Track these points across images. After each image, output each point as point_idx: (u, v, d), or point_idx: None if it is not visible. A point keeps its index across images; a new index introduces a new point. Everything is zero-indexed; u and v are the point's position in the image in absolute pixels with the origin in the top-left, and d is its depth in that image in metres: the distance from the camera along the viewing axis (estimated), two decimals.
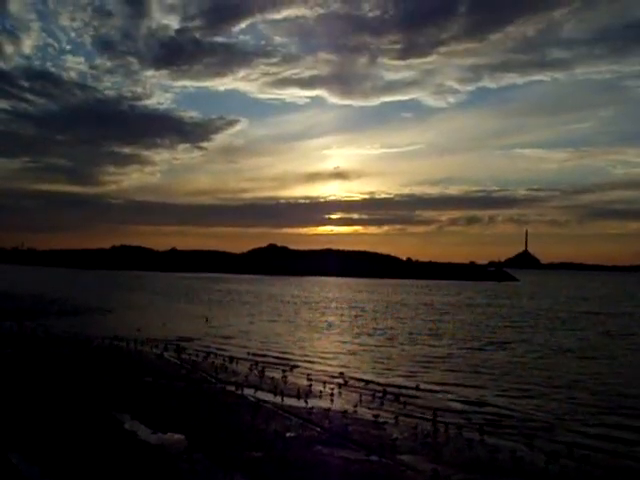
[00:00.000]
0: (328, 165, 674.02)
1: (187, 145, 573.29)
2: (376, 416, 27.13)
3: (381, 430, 25.23)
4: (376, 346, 52.63)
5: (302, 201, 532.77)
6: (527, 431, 26.11)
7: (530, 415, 29.12)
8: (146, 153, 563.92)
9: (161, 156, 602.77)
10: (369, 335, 60.97)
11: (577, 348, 53.41)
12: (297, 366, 40.48)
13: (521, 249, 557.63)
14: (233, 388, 32.14)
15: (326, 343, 54.80)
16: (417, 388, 34.28)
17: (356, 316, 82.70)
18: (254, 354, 45.25)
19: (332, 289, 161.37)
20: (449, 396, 32.93)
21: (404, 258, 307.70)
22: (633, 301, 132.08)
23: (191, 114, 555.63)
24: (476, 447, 23.42)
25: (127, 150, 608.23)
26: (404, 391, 33.35)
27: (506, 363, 44.28)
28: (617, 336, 63.42)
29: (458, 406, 30.70)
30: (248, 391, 31.71)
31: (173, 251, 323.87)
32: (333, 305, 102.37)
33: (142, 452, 20.89)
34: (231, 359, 41.88)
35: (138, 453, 20.71)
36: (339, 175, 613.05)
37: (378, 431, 25.06)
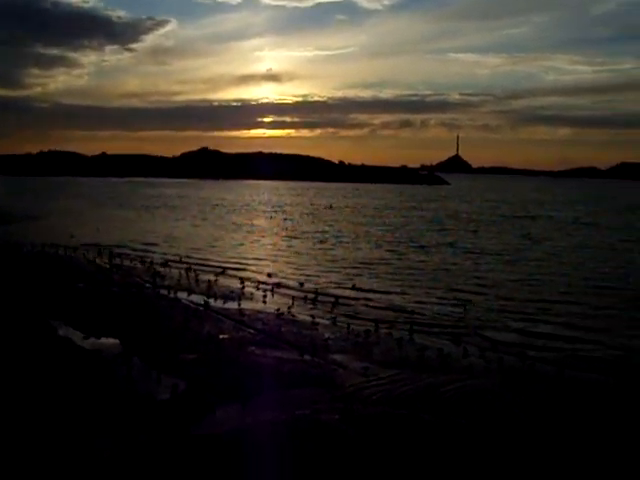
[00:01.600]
0: (261, 67, 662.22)
1: (115, 46, 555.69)
2: (309, 318, 27.74)
3: (314, 331, 25.82)
4: (307, 249, 53.21)
5: (234, 104, 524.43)
6: (455, 330, 27.06)
7: (457, 315, 30.09)
8: (73, 55, 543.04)
9: (89, 58, 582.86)
10: (299, 238, 61.47)
11: (500, 251, 55.07)
12: (229, 269, 40.75)
13: (453, 153, 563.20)
14: (166, 292, 32.24)
15: (257, 247, 55.10)
16: (349, 290, 35.02)
17: (286, 219, 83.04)
18: (186, 258, 45.30)
19: (263, 193, 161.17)
20: (379, 298, 33.72)
21: (336, 161, 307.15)
22: (555, 205, 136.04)
23: (119, 13, 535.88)
24: (405, 346, 24.19)
25: (52, 51, 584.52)
26: (336, 293, 33.98)
27: (434, 266, 45.40)
28: (538, 240, 65.63)
29: (388, 308, 31.47)
30: (181, 294, 31.89)
31: (103, 156, 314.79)
32: (264, 209, 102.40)
33: (77, 357, 20.89)
34: (163, 263, 41.86)
35: (73, 358, 20.71)
36: (272, 77, 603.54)
37: (311, 332, 25.64)
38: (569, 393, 19.57)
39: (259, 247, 54.63)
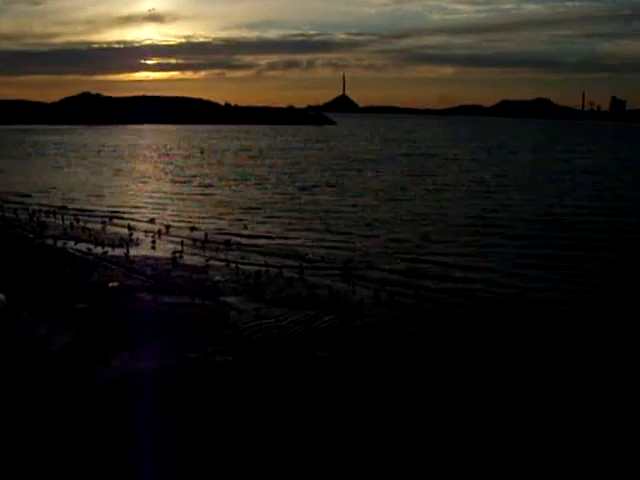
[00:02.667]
0: (142, 7, 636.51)
1: None
2: (199, 262, 27.72)
3: (204, 275, 25.85)
4: (193, 193, 52.63)
5: (116, 46, 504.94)
6: (344, 269, 27.59)
7: (347, 254, 30.63)
8: None
9: None
10: (184, 182, 60.63)
11: (386, 189, 56.24)
12: (116, 217, 39.92)
13: (339, 93, 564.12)
14: (52, 242, 31.38)
15: (143, 192, 54.00)
16: (239, 233, 35.06)
17: (171, 163, 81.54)
18: (69, 206, 44.00)
19: (147, 137, 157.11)
20: (269, 240, 33.92)
21: (223, 103, 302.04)
22: (436, 142, 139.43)
23: None
24: (296, 285, 24.63)
25: None
26: (225, 236, 33.94)
27: (320, 207, 45.87)
28: (420, 176, 67.36)
29: (278, 249, 31.69)
30: (68, 244, 31.10)
31: None
32: (148, 153, 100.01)
33: None
34: (47, 213, 40.53)
35: None
36: (154, 18, 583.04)
37: (201, 275, 25.67)
38: (454, 328, 20.59)
39: (145, 193, 53.50)
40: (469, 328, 20.23)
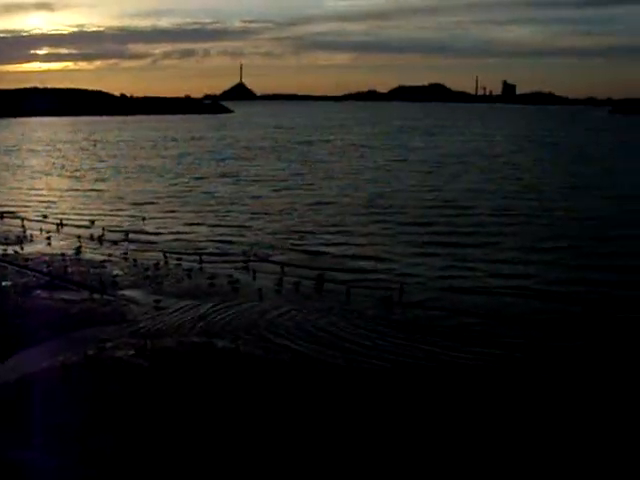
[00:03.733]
0: None
1: None
2: (96, 256, 27.33)
3: (102, 269, 25.52)
4: (88, 188, 51.25)
5: (3, 35, 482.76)
6: (243, 257, 27.75)
7: (246, 243, 30.72)
8: None
9: None
10: (78, 177, 58.99)
11: (282, 177, 56.61)
12: (7, 213, 38.61)
13: (237, 82, 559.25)
14: None
15: (35, 188, 52.22)
16: (135, 227, 34.58)
17: (64, 157, 79.12)
18: None
19: (39, 130, 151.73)
20: (168, 232, 33.57)
21: (118, 94, 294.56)
22: (333, 129, 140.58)
23: None
24: (196, 276, 24.66)
25: None
26: (122, 230, 33.41)
27: (218, 196, 45.79)
28: (315, 163, 68.09)
29: (177, 240, 31.47)
30: None
31: None
32: (39, 148, 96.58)
33: None
34: None
35: None
36: (43, 6, 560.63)
37: (99, 270, 25.32)
38: (355, 308, 21.22)
39: (37, 188, 51.79)
40: (368, 313, 20.86)
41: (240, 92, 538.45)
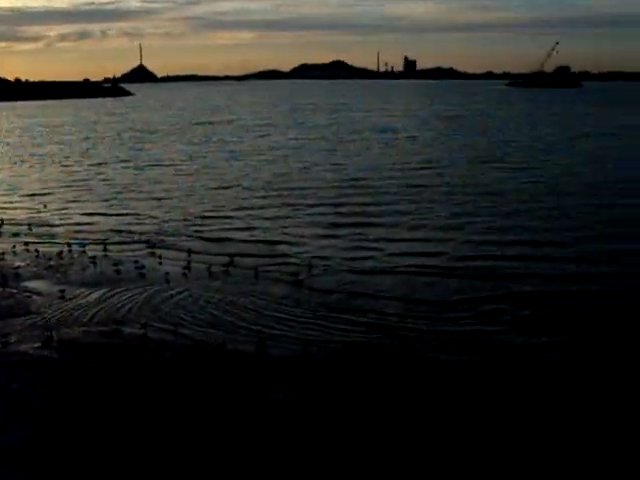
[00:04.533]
0: None
1: None
2: None
3: (2, 262, 24.80)
4: None
5: None
6: (149, 243, 27.50)
7: (151, 228, 30.48)
8: None
9: None
10: None
11: (181, 160, 56.20)
12: None
13: (137, 63, 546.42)
14: None
15: None
16: (36, 217, 33.64)
17: None
18: None
19: None
20: (70, 220, 32.78)
21: (12, 79, 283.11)
22: (236, 107, 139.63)
23: None
24: (101, 263, 24.26)
25: None
26: (22, 220, 32.47)
27: (117, 181, 45.03)
28: (217, 143, 67.78)
29: (80, 228, 30.76)
30: None
31: None
32: None
33: None
34: None
35: None
36: None
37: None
38: (263, 290, 21.47)
39: None
40: (276, 293, 21.15)
41: (141, 74, 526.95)
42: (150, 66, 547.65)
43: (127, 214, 33.87)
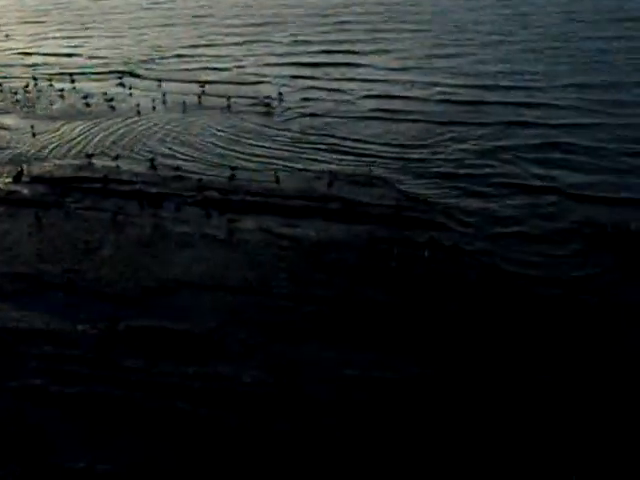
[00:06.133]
0: None
1: None
2: None
3: None
4: None
5: None
6: (117, 74, 26.72)
7: (120, 59, 29.44)
8: None
9: None
10: None
11: None
12: None
13: None
14: None
15: None
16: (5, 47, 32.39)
17: None
18: None
19: None
20: (32, 51, 31.61)
21: None
22: None
23: None
24: (69, 96, 23.64)
25: None
26: None
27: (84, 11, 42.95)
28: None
29: (44, 62, 29.76)
30: None
31: None
32: None
33: None
34: None
35: None
36: None
37: None
38: (236, 117, 21.09)
39: None
40: (249, 121, 20.83)
41: None
42: None
43: (96, 48, 32.56)
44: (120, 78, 25.97)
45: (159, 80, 25.13)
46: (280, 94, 23.27)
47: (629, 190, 14.97)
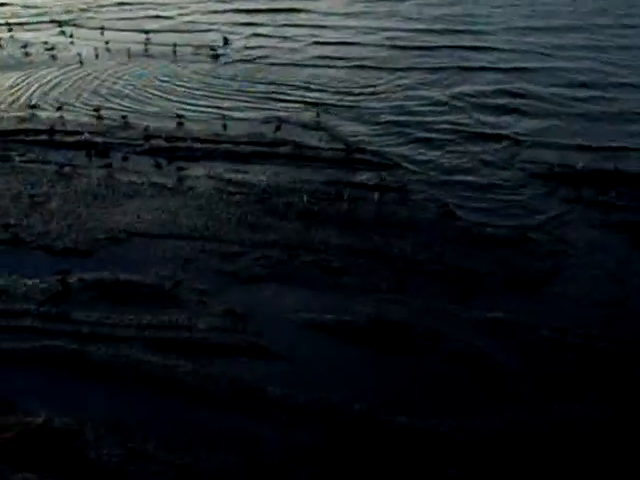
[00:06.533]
0: None
1: None
2: None
3: None
4: None
5: None
6: (57, 22, 25.98)
7: (60, 7, 28.55)
8: None
9: None
10: None
11: None
12: None
13: None
14: None
15: None
16: None
17: None
18: None
19: None
20: None
21: None
22: None
23: None
24: (7, 45, 23.04)
25: None
26: None
27: None
28: None
29: None
30: None
31: None
32: None
33: None
34: None
35: None
36: None
37: None
38: (182, 62, 20.72)
39: None
40: (196, 66, 20.49)
41: None
42: None
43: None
44: (60, 27, 25.18)
45: (102, 29, 24.49)
46: (226, 40, 22.93)
47: (580, 135, 15.15)
